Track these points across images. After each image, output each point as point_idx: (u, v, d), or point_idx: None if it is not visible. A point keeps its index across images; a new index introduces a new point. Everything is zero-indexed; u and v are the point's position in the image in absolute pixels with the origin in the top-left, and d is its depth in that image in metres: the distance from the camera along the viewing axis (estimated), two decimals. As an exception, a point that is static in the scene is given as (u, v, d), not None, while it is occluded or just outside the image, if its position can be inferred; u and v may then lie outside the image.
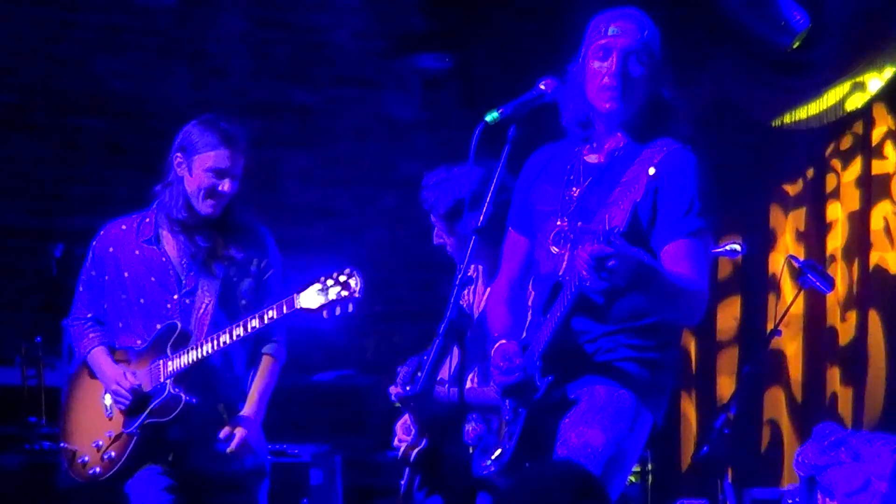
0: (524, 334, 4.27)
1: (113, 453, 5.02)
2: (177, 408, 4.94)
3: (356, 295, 4.80)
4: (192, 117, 9.23)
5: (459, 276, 4.05)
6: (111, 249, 5.18)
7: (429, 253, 9.32)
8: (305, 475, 7.69)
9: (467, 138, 4.47)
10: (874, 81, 7.10)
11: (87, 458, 5.08)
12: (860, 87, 7.16)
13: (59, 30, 8.87)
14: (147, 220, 5.17)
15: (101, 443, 5.05)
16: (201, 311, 5.00)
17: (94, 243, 5.25)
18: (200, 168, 5.02)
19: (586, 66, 4.22)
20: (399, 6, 9.54)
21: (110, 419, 5.07)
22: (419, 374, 4.67)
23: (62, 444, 5.18)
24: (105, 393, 5.09)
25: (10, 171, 8.69)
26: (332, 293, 4.79)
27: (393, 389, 5.30)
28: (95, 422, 5.10)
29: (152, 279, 5.08)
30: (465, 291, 4.94)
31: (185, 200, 5.06)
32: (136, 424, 4.99)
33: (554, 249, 4.23)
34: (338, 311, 4.80)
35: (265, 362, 5.11)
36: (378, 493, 8.01)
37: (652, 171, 3.83)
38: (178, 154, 5.07)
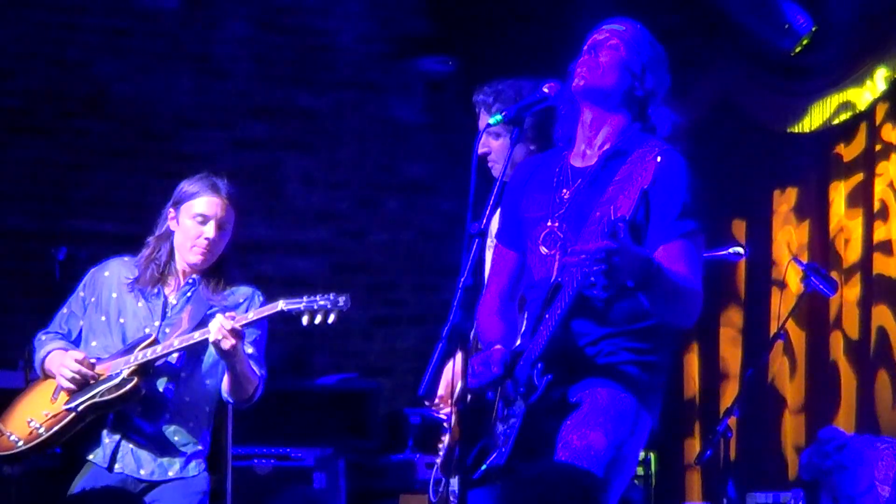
0: (518, 341, 4.27)
1: (42, 428, 5.07)
2: (124, 387, 4.97)
3: (341, 306, 4.84)
4: (196, 121, 9.30)
5: (462, 279, 4.04)
6: (107, 273, 5.28)
7: (431, 256, 9.38)
8: (309, 479, 7.69)
9: (470, 141, 4.46)
10: (874, 85, 7.10)
11: (14, 434, 5.13)
12: (857, 93, 7.17)
13: (62, 33, 8.87)
14: None
15: (34, 421, 5.11)
16: (176, 335, 5.07)
17: (91, 269, 5.35)
18: (187, 216, 5.12)
19: None
20: (402, 9, 9.55)
21: (53, 402, 5.12)
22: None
23: None
24: (57, 386, 5.14)
25: (14, 173, 8.69)
26: (318, 304, 4.84)
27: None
28: (36, 405, 5.15)
29: (140, 304, 5.16)
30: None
31: (169, 254, 5.16)
32: (78, 402, 5.03)
33: (544, 250, 4.22)
34: (318, 319, 4.85)
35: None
36: (381, 495, 8.01)
37: (659, 158, 3.83)
38: (171, 209, 5.19)
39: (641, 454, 6.77)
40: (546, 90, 4.23)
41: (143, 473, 5.05)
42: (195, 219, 5.09)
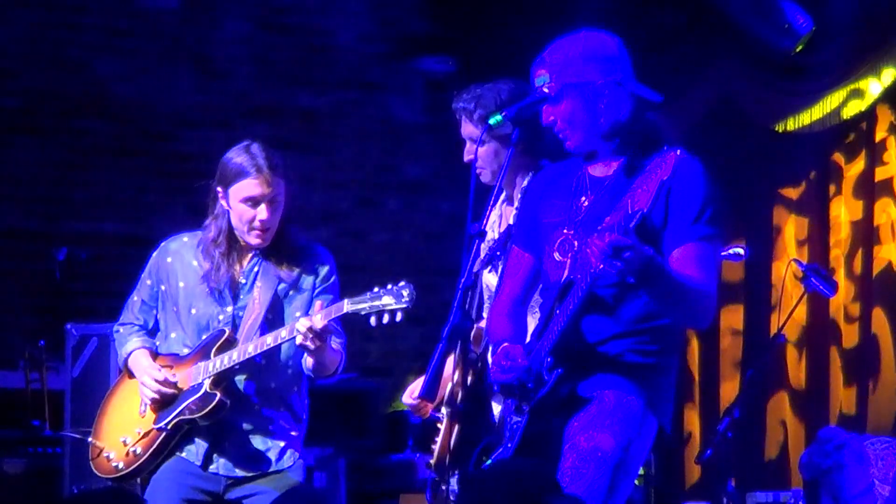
0: (527, 339, 4.28)
1: (139, 449, 4.99)
2: (209, 404, 4.89)
3: (406, 303, 4.74)
4: (196, 121, 9.30)
5: (463, 280, 4.05)
6: (169, 259, 5.13)
7: (432, 256, 9.37)
8: (309, 479, 7.69)
9: (470, 141, 4.47)
10: (874, 85, 7.09)
11: (112, 454, 5.05)
12: (858, 94, 7.16)
13: (62, 33, 8.88)
14: None
15: (128, 439, 5.02)
16: (249, 322, 4.97)
17: (153, 254, 5.20)
18: (236, 200, 4.98)
19: None
20: (402, 9, 9.55)
21: (143, 416, 5.03)
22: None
23: (89, 440, 5.16)
24: (142, 399, 5.06)
25: (14, 174, 8.70)
26: (383, 301, 4.76)
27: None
28: (127, 419, 5.07)
29: (208, 291, 5.04)
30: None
31: (230, 233, 5.03)
32: (168, 420, 4.95)
33: (557, 256, 4.25)
34: (385, 318, 4.76)
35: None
36: (381, 495, 8.01)
37: (679, 152, 3.87)
38: (219, 188, 5.04)
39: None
40: (546, 90, 4.23)
41: (238, 472, 4.97)
42: (245, 203, 4.96)
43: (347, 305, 4.79)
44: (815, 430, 6.63)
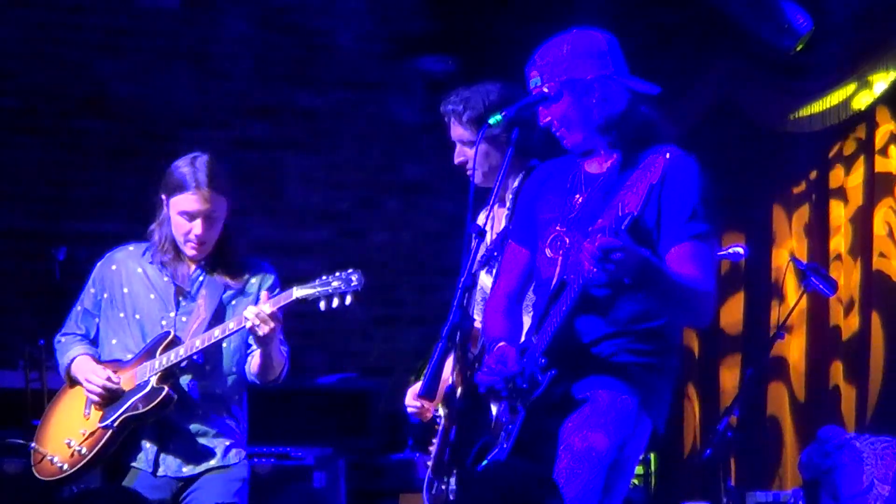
0: (522, 338, 4.28)
1: (84, 449, 5.01)
2: (156, 398, 4.92)
3: (355, 286, 4.80)
4: (196, 120, 9.30)
5: (462, 279, 4.05)
6: (114, 267, 5.20)
7: (432, 256, 9.38)
8: (309, 478, 7.69)
9: (470, 141, 4.47)
10: (879, 84, 7.10)
11: (56, 457, 5.06)
12: (866, 85, 7.16)
13: (62, 33, 8.88)
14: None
15: (72, 441, 5.04)
16: (195, 326, 5.02)
17: (97, 263, 5.27)
18: (174, 211, 5.06)
19: None
20: (402, 9, 9.55)
21: (87, 418, 5.06)
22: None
23: (31, 446, 5.17)
24: (87, 399, 5.07)
25: (14, 174, 8.70)
26: (332, 286, 4.81)
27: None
28: (71, 422, 5.09)
29: (152, 296, 5.10)
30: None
31: (172, 240, 5.10)
32: (114, 418, 4.97)
33: (549, 253, 4.25)
34: (335, 302, 4.81)
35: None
36: (381, 495, 8.01)
37: (668, 155, 3.87)
38: (163, 195, 5.13)
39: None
40: (545, 89, 4.23)
41: (185, 472, 5.01)
42: (182, 216, 5.03)
43: (296, 292, 4.85)
44: (815, 430, 6.64)
